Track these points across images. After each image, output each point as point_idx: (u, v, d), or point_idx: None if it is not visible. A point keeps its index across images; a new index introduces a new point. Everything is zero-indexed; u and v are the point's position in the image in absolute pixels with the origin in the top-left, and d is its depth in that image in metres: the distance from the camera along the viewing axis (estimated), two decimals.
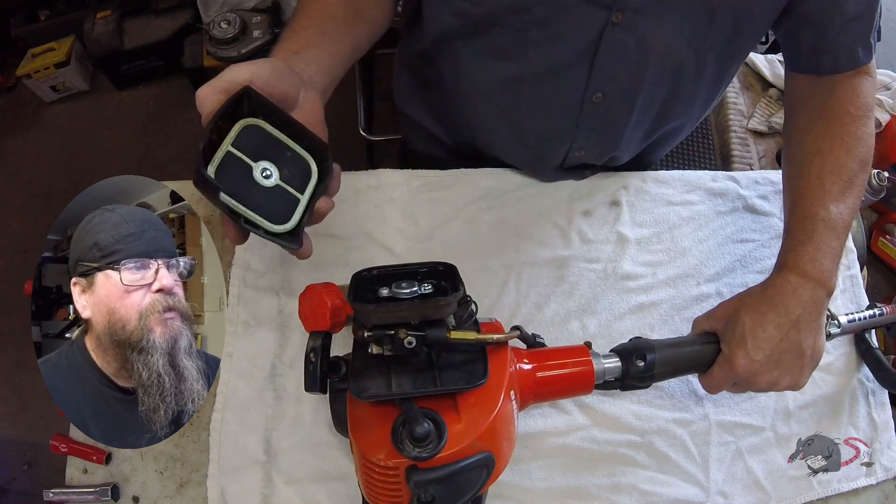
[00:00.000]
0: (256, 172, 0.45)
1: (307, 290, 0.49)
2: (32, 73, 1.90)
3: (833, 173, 0.60)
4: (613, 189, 0.75)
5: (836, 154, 0.61)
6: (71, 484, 0.61)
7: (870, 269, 1.09)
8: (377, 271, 0.48)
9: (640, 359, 0.53)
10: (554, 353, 0.54)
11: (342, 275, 0.67)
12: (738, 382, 0.55)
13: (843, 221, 0.59)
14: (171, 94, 2.04)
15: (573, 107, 0.65)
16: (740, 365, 0.54)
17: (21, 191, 1.89)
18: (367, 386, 0.44)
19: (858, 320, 0.65)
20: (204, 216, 0.72)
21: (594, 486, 0.60)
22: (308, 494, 0.58)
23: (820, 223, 0.58)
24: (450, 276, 0.48)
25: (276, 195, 0.46)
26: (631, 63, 0.59)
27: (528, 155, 0.73)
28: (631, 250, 0.71)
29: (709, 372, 0.56)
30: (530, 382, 0.52)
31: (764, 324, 0.55)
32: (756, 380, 0.54)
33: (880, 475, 0.66)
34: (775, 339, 0.54)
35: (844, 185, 0.60)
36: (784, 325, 0.55)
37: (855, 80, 0.63)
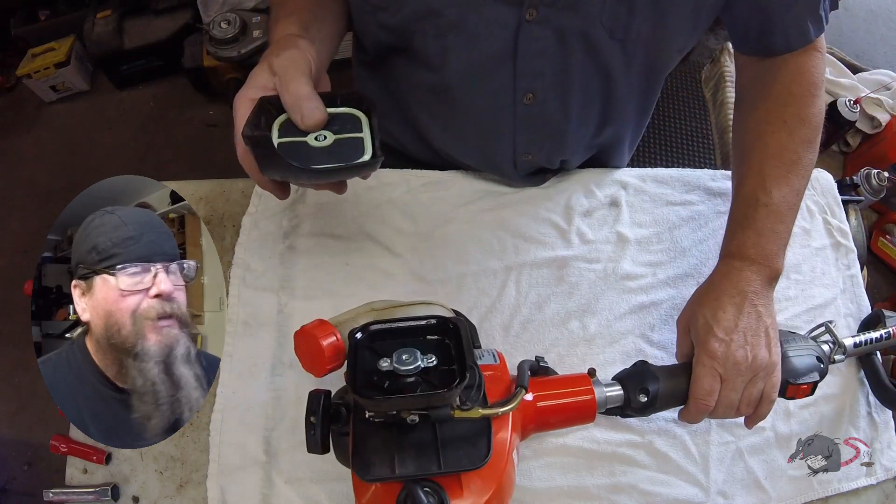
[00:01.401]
0: (311, 141, 0.50)
1: (300, 332, 0.48)
2: (32, 73, 1.91)
3: (774, 157, 0.60)
4: (613, 189, 0.75)
5: (778, 137, 0.60)
6: (71, 484, 0.61)
7: (870, 269, 1.09)
8: (376, 327, 0.46)
9: (643, 393, 0.52)
10: (556, 383, 0.54)
11: (342, 274, 0.67)
12: (722, 373, 0.53)
13: (788, 204, 0.59)
14: (171, 94, 2.05)
15: (506, 110, 0.64)
16: (716, 350, 0.53)
17: (21, 191, 1.89)
18: (370, 462, 0.42)
19: (865, 343, 0.64)
20: (204, 216, 0.72)
21: (594, 486, 0.60)
22: (308, 494, 0.58)
23: (762, 208, 0.58)
24: (454, 334, 0.45)
25: (341, 145, 0.50)
26: (554, 60, 0.58)
27: (480, 161, 0.73)
28: (631, 250, 0.71)
29: (693, 378, 0.54)
30: (531, 413, 0.51)
31: (722, 306, 0.55)
32: (735, 358, 0.53)
33: (880, 475, 0.66)
34: (736, 317, 0.55)
35: (787, 167, 0.59)
36: (739, 303, 0.55)
37: (801, 59, 0.61)
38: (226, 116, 1.96)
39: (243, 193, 0.74)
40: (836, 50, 1.30)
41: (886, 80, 1.22)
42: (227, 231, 0.72)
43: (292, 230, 0.70)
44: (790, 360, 0.57)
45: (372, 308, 0.52)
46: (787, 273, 0.72)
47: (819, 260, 0.74)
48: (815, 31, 0.60)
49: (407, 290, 0.67)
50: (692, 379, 0.54)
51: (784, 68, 0.61)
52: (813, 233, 0.75)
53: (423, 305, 0.54)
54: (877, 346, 0.65)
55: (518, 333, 0.66)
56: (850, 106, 1.01)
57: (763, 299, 0.57)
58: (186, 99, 2.02)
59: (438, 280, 0.68)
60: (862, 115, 1.16)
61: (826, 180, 0.80)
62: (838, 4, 0.61)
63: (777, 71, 0.62)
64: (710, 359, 0.54)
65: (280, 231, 0.70)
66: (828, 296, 0.72)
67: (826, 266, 0.74)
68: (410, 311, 0.52)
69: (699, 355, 0.54)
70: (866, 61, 1.37)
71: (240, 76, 1.85)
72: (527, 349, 0.65)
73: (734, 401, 0.54)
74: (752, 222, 0.58)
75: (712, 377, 0.54)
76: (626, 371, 0.55)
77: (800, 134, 0.60)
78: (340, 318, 0.51)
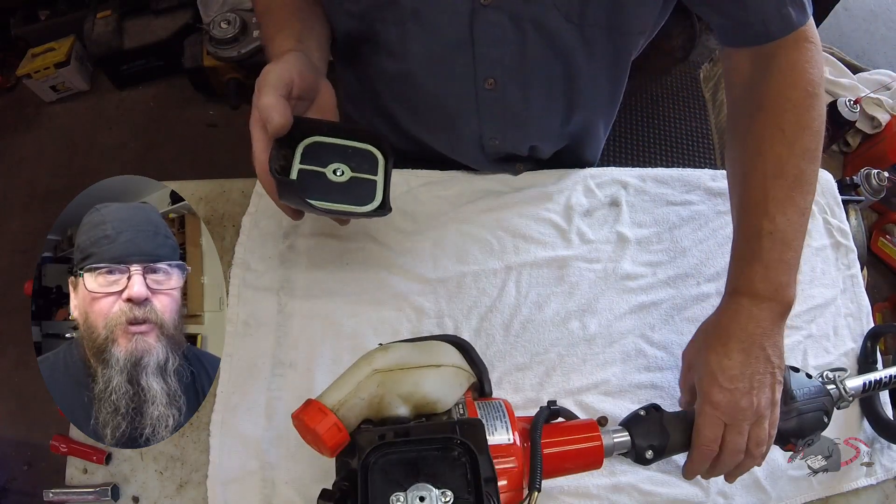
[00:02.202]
0: (329, 174, 0.53)
1: (294, 417, 0.46)
2: (32, 73, 1.91)
3: (776, 177, 0.55)
4: (613, 189, 0.75)
5: (778, 152, 0.56)
6: (71, 484, 0.61)
7: (870, 269, 1.09)
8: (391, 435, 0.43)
9: (651, 449, 0.52)
10: (563, 430, 0.53)
11: (342, 274, 0.67)
12: (725, 419, 0.52)
13: (794, 228, 0.55)
14: (171, 94, 2.05)
15: (469, 96, 0.64)
16: (720, 401, 0.52)
17: (21, 191, 1.89)
18: None
19: (873, 384, 0.61)
20: (204, 216, 0.72)
21: (594, 486, 0.60)
22: (308, 494, 0.58)
23: (766, 238, 0.54)
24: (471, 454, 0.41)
25: (356, 184, 0.54)
26: (512, 45, 0.58)
27: (448, 147, 0.74)
28: (631, 250, 0.71)
29: (696, 427, 0.53)
30: None
31: (728, 353, 0.53)
32: (740, 407, 0.52)
33: (880, 475, 0.66)
34: (743, 363, 0.53)
35: (790, 186, 0.55)
36: (747, 347, 0.53)
37: (793, 55, 0.56)
38: (226, 116, 1.97)
39: (243, 193, 0.74)
40: (836, 50, 1.30)
41: (886, 80, 1.22)
42: (227, 231, 0.72)
43: (292, 230, 0.70)
44: (800, 419, 0.56)
45: (375, 370, 0.48)
46: None
47: (819, 260, 0.74)
48: (798, 17, 0.55)
49: (407, 290, 0.67)
50: (695, 428, 0.53)
51: (776, 68, 0.57)
52: (813, 233, 0.75)
53: (434, 343, 0.52)
54: (883, 388, 0.63)
55: (518, 333, 0.66)
56: (850, 106, 1.01)
57: (772, 339, 0.54)
58: (186, 99, 2.02)
59: (438, 280, 0.68)
60: (862, 115, 1.16)
61: (826, 180, 0.80)
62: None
63: (769, 72, 0.57)
64: (712, 409, 0.52)
65: (280, 231, 0.70)
66: (828, 296, 0.72)
67: (826, 266, 0.74)
68: (420, 352, 0.50)
69: (702, 405, 0.53)
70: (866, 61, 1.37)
71: (240, 76, 1.85)
72: (527, 349, 0.65)
73: (740, 445, 0.52)
74: (758, 254, 0.55)
75: (716, 426, 0.52)
76: (637, 417, 0.54)
77: (800, 144, 0.56)
78: (340, 392, 0.47)
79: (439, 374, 0.50)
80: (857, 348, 0.71)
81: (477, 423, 0.45)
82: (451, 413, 0.49)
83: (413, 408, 0.48)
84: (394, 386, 0.47)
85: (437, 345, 0.53)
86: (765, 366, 0.53)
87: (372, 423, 0.47)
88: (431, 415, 0.48)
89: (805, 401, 0.57)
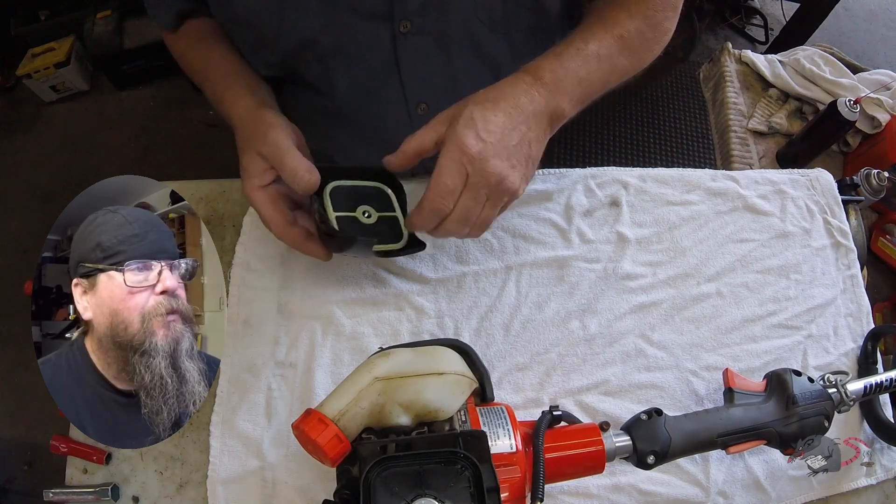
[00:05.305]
0: (360, 217, 0.55)
1: (294, 428, 0.46)
2: (32, 73, 1.91)
3: (603, 28, 0.57)
4: (614, 189, 0.75)
5: (615, 14, 0.58)
6: (71, 484, 0.61)
7: (870, 269, 1.09)
8: (393, 448, 0.44)
9: (653, 454, 0.52)
10: (564, 435, 0.52)
11: (342, 274, 0.67)
12: (469, 170, 0.48)
13: (599, 57, 0.55)
14: (171, 94, 2.05)
15: (402, 124, 0.63)
16: (472, 146, 0.48)
17: (21, 191, 1.90)
18: None
19: (874, 387, 0.61)
20: (204, 216, 0.72)
21: (594, 486, 0.60)
22: (308, 494, 0.58)
23: (573, 49, 0.55)
24: (474, 468, 0.41)
25: (383, 224, 0.56)
26: (439, 65, 0.58)
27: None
28: (631, 250, 0.71)
29: (436, 171, 0.49)
30: None
31: (495, 110, 0.49)
32: (489, 165, 0.48)
33: (880, 475, 0.66)
34: (506, 126, 0.49)
35: (613, 40, 0.57)
36: (515, 116, 0.50)
37: None
38: None
39: (243, 193, 0.73)
40: (836, 50, 1.30)
41: (886, 80, 1.22)
42: (227, 231, 0.72)
43: None
44: (801, 423, 0.55)
45: (376, 378, 0.47)
46: (787, 273, 0.72)
47: (819, 260, 0.74)
48: None
49: (407, 290, 0.67)
50: (434, 173, 0.49)
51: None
52: (813, 233, 0.75)
53: (436, 348, 0.52)
54: (883, 392, 0.63)
55: (518, 333, 0.66)
56: (850, 106, 1.01)
57: (537, 128, 0.52)
58: (186, 99, 2.02)
59: (438, 280, 0.68)
60: (862, 115, 1.16)
61: (826, 180, 0.80)
62: None
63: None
64: (461, 153, 0.48)
65: None
66: (828, 296, 0.72)
67: (826, 266, 0.74)
68: (422, 358, 0.50)
69: (449, 146, 0.48)
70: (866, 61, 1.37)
71: None
72: (527, 349, 0.65)
73: (472, 213, 0.49)
74: (559, 55, 0.54)
75: (458, 174, 0.48)
76: (638, 421, 0.54)
77: (639, 15, 0.57)
78: (340, 402, 0.46)
79: (441, 383, 0.48)
80: (857, 348, 0.71)
81: (480, 434, 0.45)
82: (453, 421, 0.48)
83: (415, 416, 0.47)
84: (395, 394, 0.47)
85: (438, 350, 0.52)
86: (526, 146, 0.51)
87: (373, 431, 0.47)
88: (433, 422, 0.48)
89: (806, 405, 0.57)
